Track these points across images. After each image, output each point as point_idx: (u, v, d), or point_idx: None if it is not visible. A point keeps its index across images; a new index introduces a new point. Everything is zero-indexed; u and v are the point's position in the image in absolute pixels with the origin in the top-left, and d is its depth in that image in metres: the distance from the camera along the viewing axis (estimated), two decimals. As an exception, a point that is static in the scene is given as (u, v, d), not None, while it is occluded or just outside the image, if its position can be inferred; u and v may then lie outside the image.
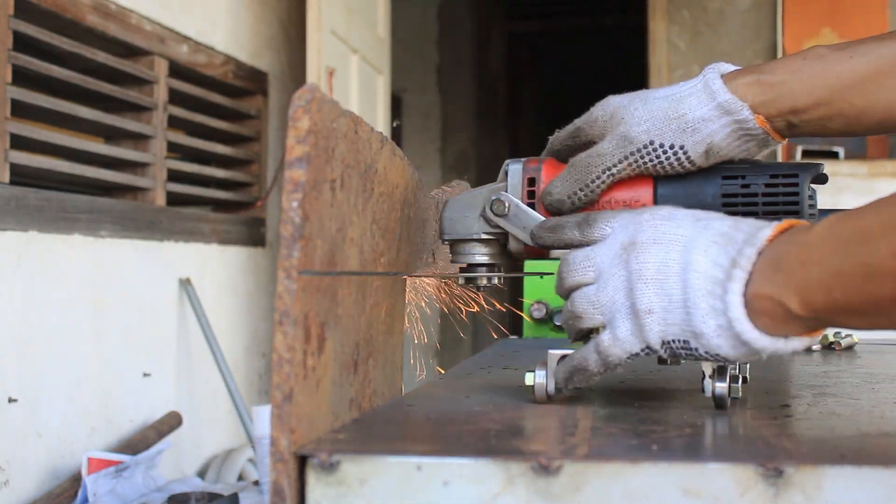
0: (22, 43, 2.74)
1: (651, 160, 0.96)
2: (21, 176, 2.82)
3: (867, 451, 0.77)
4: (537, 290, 1.78)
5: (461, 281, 1.07)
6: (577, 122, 1.02)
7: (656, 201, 0.99)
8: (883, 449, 0.78)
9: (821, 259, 0.75)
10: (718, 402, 0.93)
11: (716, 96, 0.95)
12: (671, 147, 0.95)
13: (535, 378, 0.97)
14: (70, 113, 2.96)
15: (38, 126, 2.88)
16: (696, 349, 0.83)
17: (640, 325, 0.85)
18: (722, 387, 0.92)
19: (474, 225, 1.04)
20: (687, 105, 0.95)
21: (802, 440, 0.81)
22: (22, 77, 2.77)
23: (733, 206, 0.96)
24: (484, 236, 1.04)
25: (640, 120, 0.96)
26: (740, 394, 0.98)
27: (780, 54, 4.80)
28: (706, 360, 0.84)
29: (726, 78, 0.96)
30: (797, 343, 0.80)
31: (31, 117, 2.92)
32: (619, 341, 0.86)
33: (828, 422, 0.89)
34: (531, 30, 8.45)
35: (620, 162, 0.96)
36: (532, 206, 1.02)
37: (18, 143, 2.74)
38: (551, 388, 0.96)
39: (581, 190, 0.97)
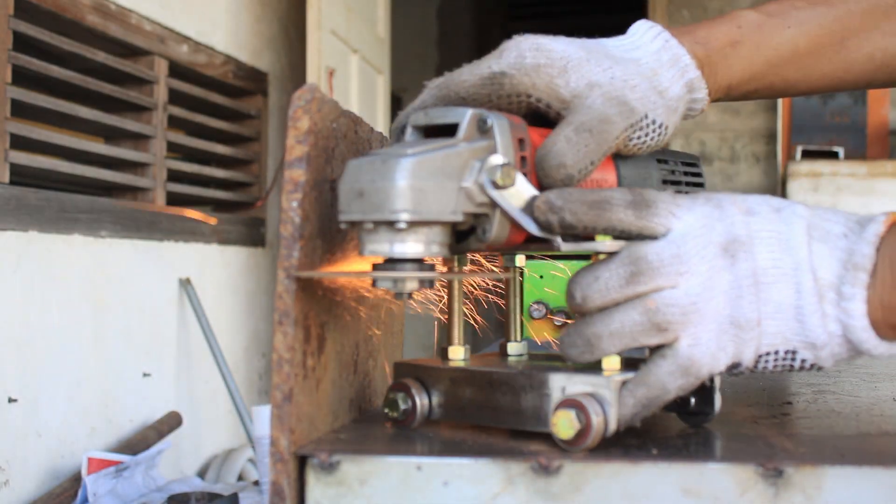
0: (22, 43, 2.74)
1: (640, 136, 0.81)
2: (21, 176, 2.82)
3: (867, 450, 0.77)
4: (538, 289, 1.76)
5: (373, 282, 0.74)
6: (494, 65, 0.80)
7: (620, 182, 0.84)
8: (883, 448, 0.78)
9: None
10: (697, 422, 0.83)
11: (686, 73, 0.83)
12: (661, 125, 0.82)
13: (592, 416, 0.70)
14: (70, 113, 2.96)
15: (38, 126, 2.88)
16: (805, 359, 0.72)
17: (738, 339, 0.71)
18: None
19: (452, 200, 0.71)
20: (665, 79, 0.82)
21: (802, 439, 0.81)
22: (22, 77, 2.77)
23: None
24: (460, 217, 0.72)
25: (628, 85, 0.80)
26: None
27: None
28: (797, 370, 0.72)
29: (680, 35, 0.85)
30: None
31: (31, 117, 2.92)
32: (713, 355, 0.71)
33: (827, 421, 0.89)
34: (531, 29, 8.45)
35: (622, 132, 0.79)
36: (524, 175, 0.75)
37: (18, 143, 2.74)
38: (613, 427, 0.72)
39: (593, 163, 0.77)
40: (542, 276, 1.60)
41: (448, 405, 0.81)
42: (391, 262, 0.72)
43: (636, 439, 0.78)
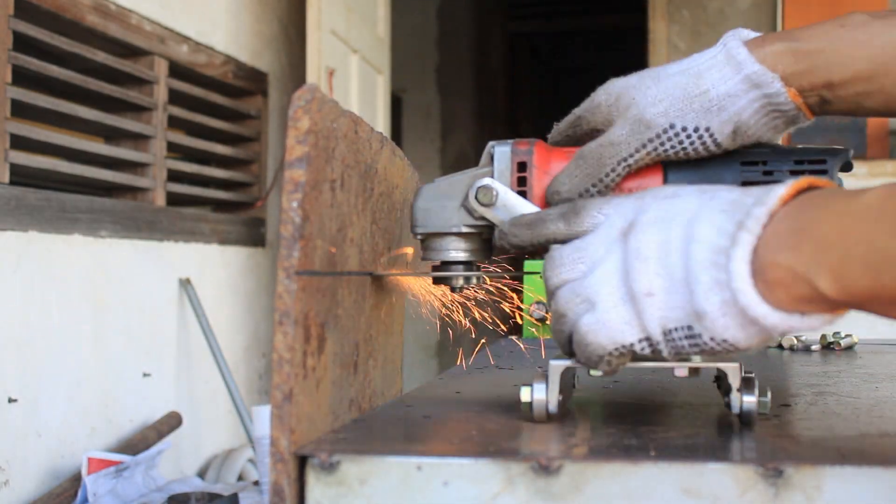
0: (22, 43, 2.74)
1: (673, 146, 0.84)
2: (21, 176, 2.82)
3: (867, 451, 0.77)
4: (538, 289, 1.77)
5: (432, 281, 0.95)
6: (577, 110, 0.91)
7: None
8: (883, 449, 0.78)
9: (870, 236, 0.64)
10: (745, 419, 0.82)
11: (742, 68, 0.83)
12: (695, 130, 0.83)
13: (534, 393, 0.84)
14: (70, 113, 2.96)
15: (38, 126, 2.88)
16: (701, 335, 0.72)
17: (638, 310, 0.73)
18: (751, 401, 0.81)
19: (454, 216, 0.90)
20: (709, 80, 0.83)
21: (802, 440, 0.81)
22: (22, 77, 2.77)
23: None
24: (464, 229, 0.90)
25: (654, 100, 0.84)
26: (768, 408, 0.83)
27: (780, 54, 4.81)
28: (713, 352, 0.72)
29: (751, 46, 0.84)
30: (816, 321, 0.69)
31: (31, 117, 2.92)
32: (605, 327, 0.75)
33: (828, 421, 0.89)
34: (531, 30, 8.46)
35: (638, 151, 0.84)
36: (523, 194, 0.88)
37: (18, 143, 2.74)
38: (553, 405, 0.84)
39: (594, 185, 0.85)
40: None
41: None
42: (445, 265, 0.92)
43: (636, 439, 0.78)
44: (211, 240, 3.75)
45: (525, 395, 0.84)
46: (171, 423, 3.26)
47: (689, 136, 0.84)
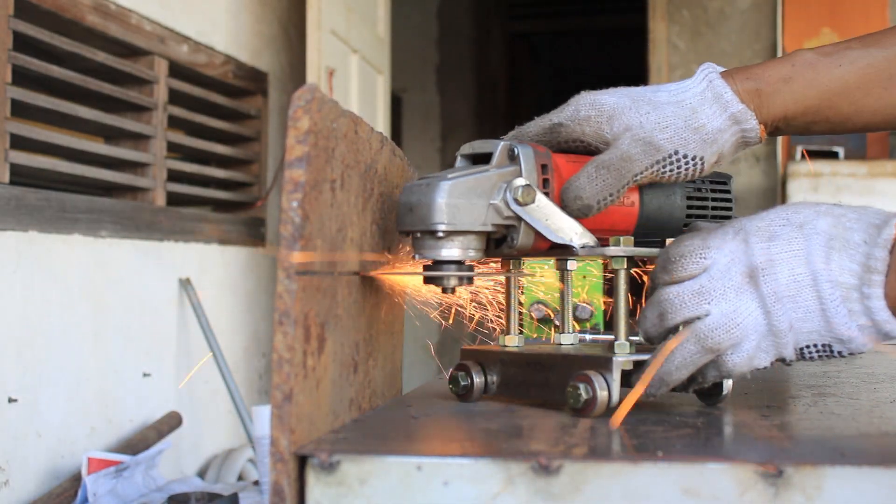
0: (22, 43, 2.74)
1: (672, 169, 0.95)
2: (21, 176, 2.82)
3: (867, 450, 0.77)
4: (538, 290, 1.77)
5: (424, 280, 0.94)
6: (555, 117, 0.98)
7: (643, 204, 0.99)
8: (883, 449, 0.78)
9: None
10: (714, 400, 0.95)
11: (728, 107, 0.95)
12: (693, 158, 0.95)
13: (597, 388, 0.88)
14: (70, 113, 2.96)
15: (38, 126, 2.88)
16: (833, 347, 0.85)
17: (778, 343, 0.86)
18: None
19: (483, 214, 0.90)
20: (704, 115, 0.95)
21: (802, 440, 0.81)
22: (22, 77, 2.77)
23: (693, 208, 1.02)
24: (490, 228, 0.91)
25: (659, 126, 0.94)
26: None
27: (780, 54, 4.80)
28: (839, 357, 0.86)
29: (728, 75, 0.97)
30: None
31: (31, 117, 2.92)
32: (750, 360, 0.87)
33: (827, 422, 0.89)
34: (531, 30, 8.46)
35: (647, 169, 0.94)
36: (546, 195, 0.93)
37: (18, 143, 2.74)
38: (616, 397, 0.88)
39: (612, 195, 0.93)
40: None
41: (501, 383, 1.00)
42: (437, 264, 0.91)
43: (636, 439, 0.78)
44: (211, 240, 3.75)
45: (584, 391, 0.88)
46: (171, 422, 3.26)
47: (687, 163, 0.95)
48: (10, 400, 2.66)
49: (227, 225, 3.89)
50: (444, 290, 0.93)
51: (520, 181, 0.90)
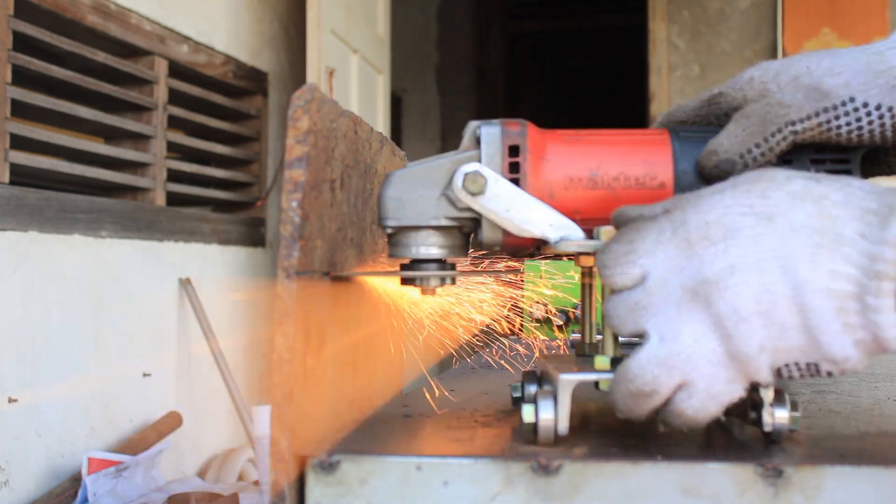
0: (22, 43, 2.74)
1: (849, 122, 0.76)
2: (21, 176, 2.82)
3: (867, 450, 0.77)
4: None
5: (402, 281, 0.84)
6: (718, 87, 0.83)
7: (676, 185, 0.80)
8: (882, 448, 0.78)
9: None
10: (775, 437, 0.75)
11: None
12: (877, 108, 0.76)
13: (539, 413, 0.74)
14: (70, 113, 2.96)
15: (38, 126, 2.88)
16: (820, 365, 0.68)
17: (746, 369, 0.67)
18: (783, 417, 0.74)
19: (432, 207, 0.79)
20: (891, 56, 0.77)
21: (802, 439, 0.81)
22: (22, 77, 2.77)
23: None
24: (444, 222, 0.79)
25: (831, 70, 0.77)
26: (798, 424, 0.76)
27: (779, 54, 4.81)
28: (821, 375, 0.69)
29: None
30: None
31: (31, 117, 2.92)
32: (713, 400, 0.69)
33: (827, 421, 0.89)
34: (531, 30, 8.46)
35: (810, 118, 0.77)
36: (515, 181, 0.79)
37: (18, 143, 2.74)
38: (563, 427, 0.74)
39: (758, 146, 0.77)
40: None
41: None
42: (416, 263, 0.81)
43: (636, 439, 0.78)
44: (211, 240, 3.75)
45: (527, 414, 0.74)
46: (172, 423, 3.26)
47: (869, 114, 0.76)
48: (11, 400, 2.66)
49: (227, 225, 3.89)
50: (424, 292, 0.83)
51: (466, 167, 0.77)
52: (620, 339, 0.77)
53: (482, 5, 7.21)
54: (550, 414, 0.74)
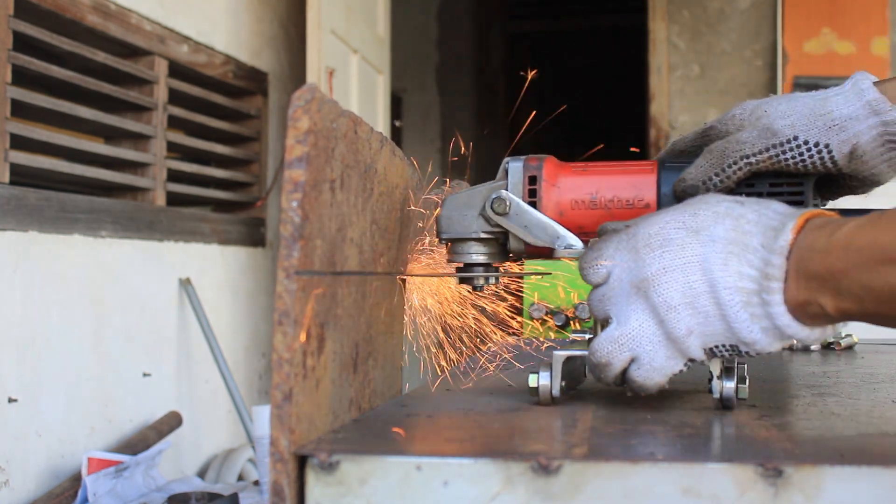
0: (22, 43, 2.74)
1: (793, 156, 0.93)
2: (21, 176, 2.82)
3: (867, 450, 0.77)
4: (537, 290, 1.78)
5: (458, 280, 1.06)
6: (710, 121, 1.01)
7: (659, 205, 0.99)
8: (882, 449, 0.78)
9: (846, 271, 0.77)
10: (726, 403, 0.94)
11: (863, 94, 0.93)
12: (815, 144, 0.93)
13: (539, 379, 0.97)
14: (70, 113, 2.96)
15: (38, 126, 2.88)
16: (740, 349, 0.86)
17: (680, 348, 0.86)
18: (730, 387, 0.93)
19: (473, 223, 1.02)
20: (833, 103, 0.93)
21: (802, 440, 0.81)
22: (22, 77, 2.77)
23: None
24: (483, 235, 1.03)
25: (783, 113, 0.94)
26: (747, 394, 0.98)
27: (779, 54, 4.81)
28: (748, 356, 0.86)
29: (878, 83, 0.95)
30: (830, 330, 0.84)
31: (31, 117, 2.92)
32: (655, 371, 0.88)
33: (827, 421, 0.89)
34: (531, 30, 8.46)
35: (761, 153, 0.94)
36: (533, 204, 1.01)
37: (18, 143, 2.74)
38: (556, 390, 0.97)
39: (717, 175, 0.95)
40: None
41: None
42: (468, 266, 1.04)
43: (636, 439, 0.78)
44: (211, 240, 3.75)
45: (532, 380, 0.97)
46: (171, 422, 3.26)
47: (808, 150, 0.93)
48: (11, 400, 2.66)
49: (227, 225, 3.89)
50: (475, 289, 1.06)
51: (495, 194, 1.01)
52: None
53: (482, 5, 7.21)
54: (547, 380, 0.97)
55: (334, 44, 3.95)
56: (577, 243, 0.99)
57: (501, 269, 1.07)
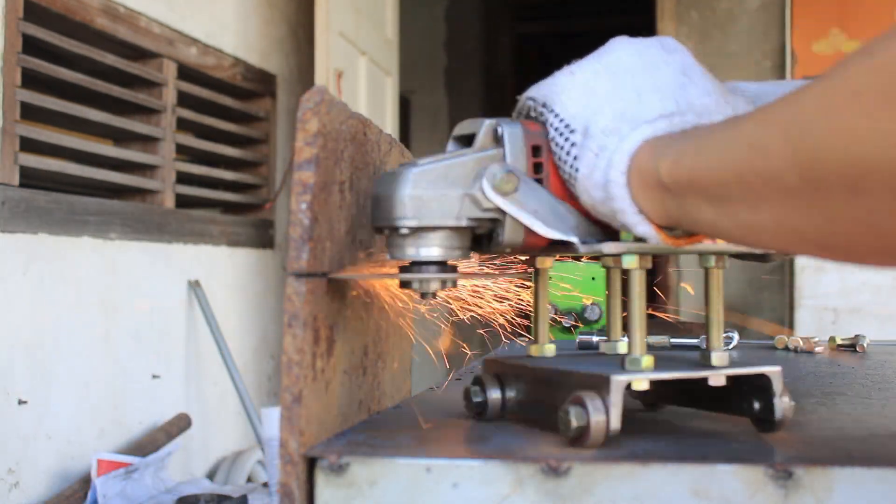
0: (31, 46, 2.75)
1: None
2: (31, 178, 2.83)
3: (877, 452, 0.77)
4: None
5: (400, 284, 0.81)
6: None
7: None
8: (892, 450, 0.78)
9: (708, 130, 0.67)
10: (780, 424, 0.79)
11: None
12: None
13: (591, 415, 0.72)
14: (79, 115, 2.97)
15: (47, 129, 2.89)
16: (575, 144, 0.74)
17: (580, 147, 0.76)
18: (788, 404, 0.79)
19: (457, 206, 0.75)
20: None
21: (812, 441, 0.81)
22: (31, 80, 2.78)
23: None
24: (465, 223, 0.76)
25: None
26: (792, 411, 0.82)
27: (788, 55, 4.80)
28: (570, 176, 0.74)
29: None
30: (647, 228, 0.71)
31: (40, 120, 2.93)
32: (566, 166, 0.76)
33: (838, 422, 0.88)
34: (539, 31, 8.46)
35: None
36: (539, 181, 0.77)
37: (28, 145, 2.75)
38: (615, 424, 0.73)
39: None
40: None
41: (517, 400, 0.87)
42: (416, 265, 0.77)
43: (645, 441, 0.78)
44: (220, 242, 3.76)
45: (577, 418, 0.73)
46: (181, 424, 3.26)
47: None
48: (20, 402, 2.66)
49: (236, 227, 3.90)
50: (423, 296, 0.79)
51: (498, 167, 0.74)
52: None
53: (490, 7, 7.21)
54: (602, 416, 0.73)
55: (343, 46, 3.95)
56: (599, 236, 0.77)
57: (498, 269, 0.92)
